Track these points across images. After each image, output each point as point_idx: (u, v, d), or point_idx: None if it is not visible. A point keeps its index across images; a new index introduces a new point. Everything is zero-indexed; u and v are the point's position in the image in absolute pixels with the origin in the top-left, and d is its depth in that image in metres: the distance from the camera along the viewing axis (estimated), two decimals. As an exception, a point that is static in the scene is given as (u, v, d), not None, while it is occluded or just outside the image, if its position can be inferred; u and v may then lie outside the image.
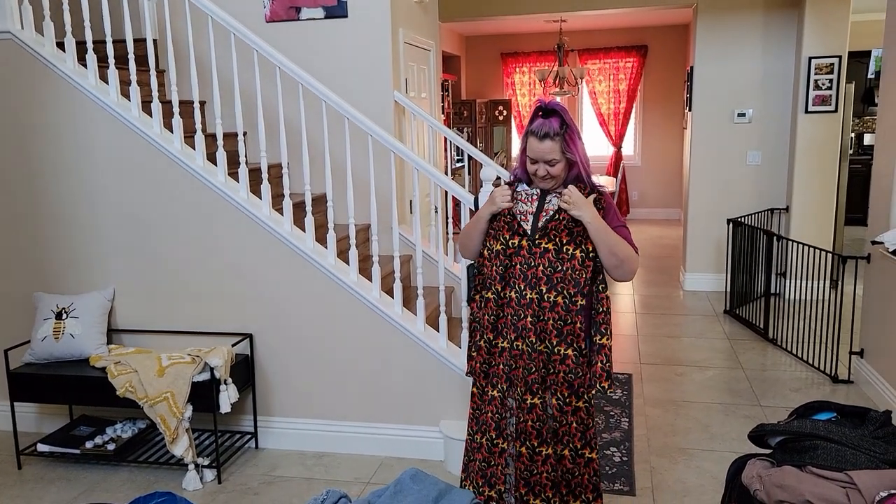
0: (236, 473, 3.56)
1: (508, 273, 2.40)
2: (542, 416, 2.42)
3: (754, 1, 6.21)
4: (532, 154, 2.35)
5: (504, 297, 2.42)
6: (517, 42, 10.77)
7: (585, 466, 2.48)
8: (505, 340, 2.43)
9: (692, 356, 5.00)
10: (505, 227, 2.41)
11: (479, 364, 2.50)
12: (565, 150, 2.33)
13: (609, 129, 10.64)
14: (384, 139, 3.54)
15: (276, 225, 3.61)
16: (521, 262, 2.38)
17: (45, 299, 3.77)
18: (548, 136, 2.31)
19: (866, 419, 2.33)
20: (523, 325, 2.38)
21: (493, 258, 2.43)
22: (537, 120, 2.35)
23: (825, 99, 6.00)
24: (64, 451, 3.58)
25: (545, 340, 2.38)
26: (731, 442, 3.72)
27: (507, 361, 2.42)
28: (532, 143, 2.34)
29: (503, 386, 2.44)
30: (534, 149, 2.34)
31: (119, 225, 3.77)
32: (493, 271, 2.43)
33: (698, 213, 6.65)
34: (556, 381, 2.40)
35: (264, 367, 3.76)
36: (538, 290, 2.36)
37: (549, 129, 2.31)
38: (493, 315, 2.44)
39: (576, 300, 2.35)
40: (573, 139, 2.34)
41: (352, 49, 4.30)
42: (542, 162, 2.34)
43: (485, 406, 2.51)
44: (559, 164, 2.35)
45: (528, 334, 2.38)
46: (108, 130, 3.69)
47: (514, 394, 2.43)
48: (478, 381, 2.53)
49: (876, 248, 4.15)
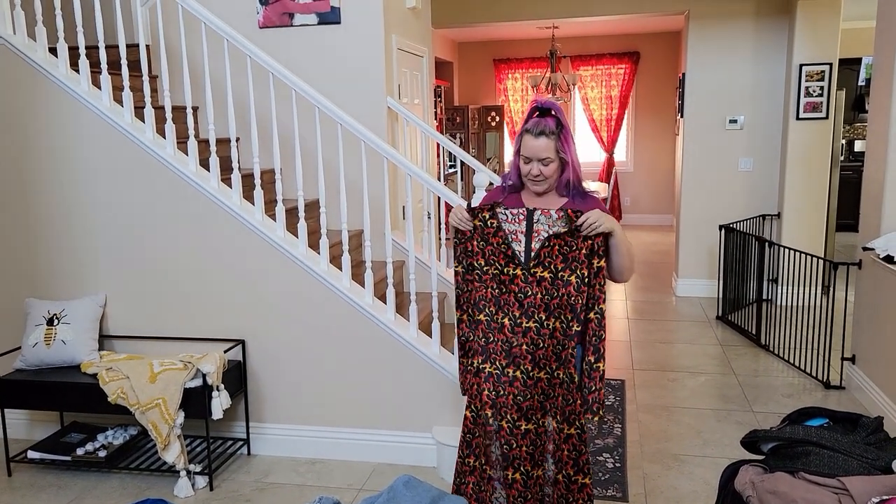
0: (228, 480, 3.54)
1: (502, 298, 2.37)
2: (535, 440, 2.40)
3: (745, 8, 6.25)
4: (527, 152, 2.35)
5: (496, 322, 2.38)
6: (510, 48, 10.80)
7: (579, 492, 2.46)
8: (493, 366, 2.39)
9: (685, 362, 5.01)
10: (500, 254, 2.36)
11: (475, 387, 2.46)
12: (560, 149, 2.34)
13: (601, 135, 10.67)
14: (377, 145, 3.54)
15: (269, 231, 3.60)
16: (517, 291, 2.35)
17: (36, 305, 3.75)
18: (543, 133, 2.32)
19: (858, 425, 2.34)
20: (518, 353, 2.35)
21: (489, 281, 2.39)
22: (533, 118, 2.36)
23: (816, 106, 6.03)
24: (55, 457, 3.56)
25: (545, 367, 2.36)
26: (723, 448, 3.72)
27: (495, 387, 2.39)
28: (527, 141, 2.35)
29: (486, 412, 2.41)
30: (529, 146, 2.34)
31: (111, 231, 3.76)
32: (487, 293, 2.40)
33: (690, 219, 6.67)
34: (555, 405, 2.39)
35: (257, 374, 3.75)
36: (537, 318, 2.34)
37: (545, 127, 2.33)
38: (483, 338, 2.41)
39: (572, 325, 2.33)
40: (567, 140, 2.36)
41: (345, 55, 4.30)
42: (536, 161, 2.34)
43: (477, 430, 2.47)
44: (553, 164, 2.35)
45: (524, 362, 2.35)
46: (101, 136, 3.68)
47: (505, 420, 2.38)
48: (473, 405, 2.48)
49: (867, 254, 4.17)
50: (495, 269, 2.37)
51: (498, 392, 2.38)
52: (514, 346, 2.36)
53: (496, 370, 2.38)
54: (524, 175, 2.41)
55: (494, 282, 2.38)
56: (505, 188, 2.52)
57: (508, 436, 2.39)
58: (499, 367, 2.38)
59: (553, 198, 2.45)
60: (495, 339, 2.39)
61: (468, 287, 2.44)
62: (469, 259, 2.42)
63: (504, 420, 2.38)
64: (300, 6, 4.29)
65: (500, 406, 2.38)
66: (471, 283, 2.43)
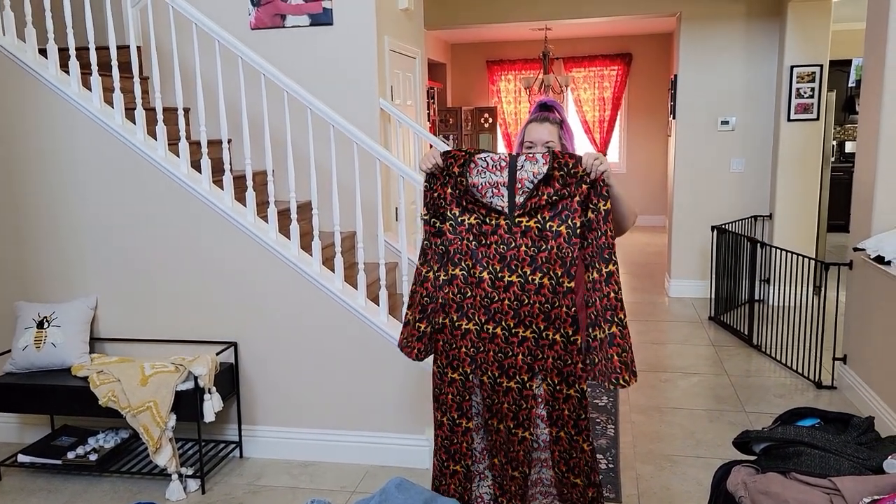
0: (221, 483, 3.53)
1: (480, 251, 2.30)
2: (519, 400, 2.34)
3: (737, 10, 6.28)
4: (531, 137, 2.42)
5: (473, 277, 2.30)
6: (502, 50, 10.82)
7: (580, 453, 2.38)
8: (471, 322, 2.31)
9: (677, 362, 5.02)
10: (479, 204, 2.29)
11: (442, 344, 2.39)
12: (562, 136, 2.43)
13: (594, 136, 10.69)
14: (369, 146, 3.53)
15: (261, 233, 3.59)
16: (498, 242, 2.27)
17: (26, 308, 3.73)
18: (547, 119, 2.44)
19: (849, 425, 2.35)
20: (498, 308, 2.28)
21: (464, 232, 2.31)
22: (538, 112, 2.49)
23: (807, 107, 6.06)
24: (45, 461, 3.54)
25: (531, 325, 2.28)
26: (715, 448, 3.73)
27: (474, 344, 2.32)
28: (532, 128, 2.43)
29: (465, 369, 2.35)
30: (533, 132, 2.42)
31: (102, 232, 3.74)
32: (462, 245, 2.31)
33: (683, 220, 6.69)
34: (544, 367, 2.31)
35: (249, 376, 3.74)
36: (521, 272, 2.25)
37: (549, 116, 2.45)
38: (459, 294, 2.32)
39: (562, 281, 2.25)
40: (569, 132, 2.48)
41: (337, 56, 4.30)
42: (539, 145, 2.40)
43: (446, 389, 2.40)
44: (556, 150, 2.36)
45: (506, 318, 2.28)
46: (91, 138, 3.66)
47: (486, 375, 2.33)
48: (438, 360, 2.41)
49: (858, 254, 4.19)
50: (474, 219, 2.29)
51: (477, 348, 2.31)
52: (494, 302, 2.28)
53: (475, 326, 2.31)
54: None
55: (471, 233, 2.30)
56: None
57: (490, 391, 2.33)
58: (478, 323, 2.30)
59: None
60: (473, 293, 2.30)
61: (441, 240, 2.34)
62: (441, 208, 2.32)
63: (485, 376, 2.33)
64: (292, 7, 4.28)
65: (481, 362, 2.32)
66: (443, 235, 2.33)
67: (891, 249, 3.81)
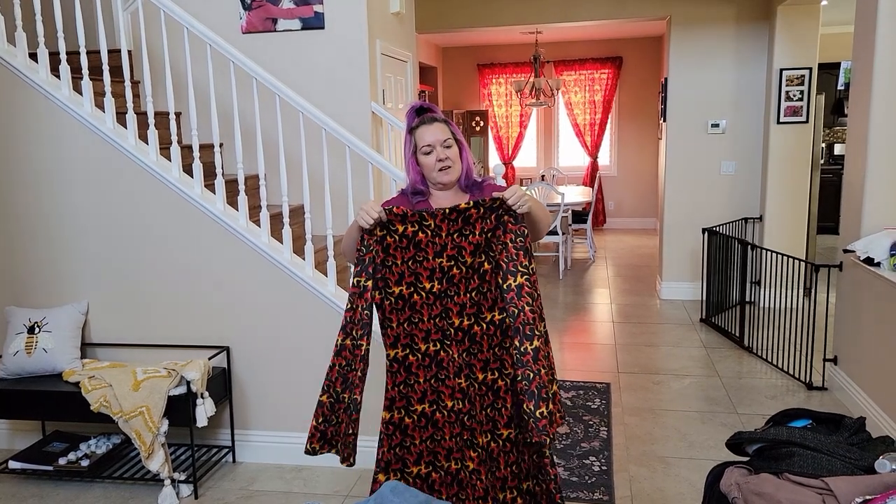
0: (213, 488, 3.52)
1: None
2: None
3: (726, 14, 6.32)
4: (427, 141, 2.31)
5: (428, 357, 2.29)
6: (494, 53, 10.84)
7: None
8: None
9: (669, 365, 5.04)
10: (421, 269, 2.22)
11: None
12: (454, 132, 2.36)
13: (585, 139, 10.72)
14: (362, 150, 3.53)
15: (254, 236, 3.58)
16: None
17: (17, 313, 3.71)
18: (435, 119, 2.34)
19: (841, 426, 2.36)
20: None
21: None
22: (416, 116, 2.39)
23: (796, 110, 6.10)
24: (36, 467, 3.52)
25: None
26: (708, 450, 3.74)
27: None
28: (423, 132, 2.32)
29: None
30: (426, 135, 2.31)
31: (93, 237, 3.73)
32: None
33: (674, 223, 6.72)
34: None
35: (242, 380, 3.73)
36: (475, 320, 2.27)
37: (434, 115, 2.36)
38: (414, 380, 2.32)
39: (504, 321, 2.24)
40: (454, 127, 2.39)
41: (329, 60, 4.30)
42: (438, 146, 2.31)
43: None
44: (454, 147, 2.34)
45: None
46: (82, 142, 3.65)
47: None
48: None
49: (848, 256, 4.21)
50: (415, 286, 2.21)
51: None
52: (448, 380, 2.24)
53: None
54: (430, 170, 2.33)
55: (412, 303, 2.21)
56: (408, 195, 2.40)
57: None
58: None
59: (459, 194, 2.40)
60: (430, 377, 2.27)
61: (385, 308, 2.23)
62: (382, 270, 2.19)
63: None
64: (284, 11, 4.28)
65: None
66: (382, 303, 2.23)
67: (880, 251, 3.84)
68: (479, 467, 2.26)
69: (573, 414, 4.21)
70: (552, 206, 7.78)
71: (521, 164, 11.23)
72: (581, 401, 4.40)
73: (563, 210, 7.78)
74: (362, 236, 2.18)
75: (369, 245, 2.17)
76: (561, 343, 5.60)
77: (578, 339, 5.72)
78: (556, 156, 11.22)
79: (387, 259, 2.20)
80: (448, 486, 2.31)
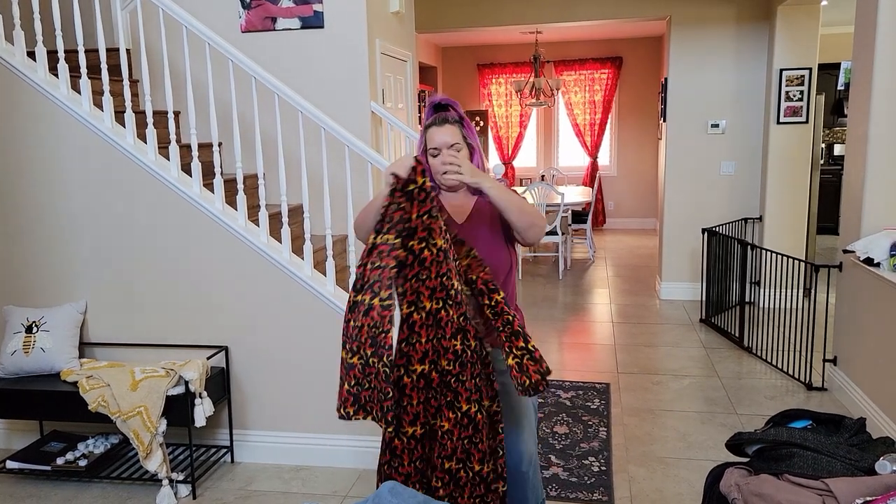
0: (212, 488, 3.51)
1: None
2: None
3: (726, 14, 6.31)
4: (435, 143, 2.32)
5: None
6: (494, 53, 10.83)
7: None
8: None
9: (669, 365, 5.03)
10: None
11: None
12: (466, 135, 2.36)
13: (585, 139, 10.72)
14: (361, 150, 3.53)
15: (253, 236, 3.57)
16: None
17: (14, 313, 3.70)
18: (447, 121, 2.34)
19: (841, 427, 2.36)
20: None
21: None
22: (433, 114, 2.38)
23: (796, 110, 6.09)
24: (34, 467, 3.51)
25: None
26: (708, 450, 3.74)
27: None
28: (433, 133, 2.33)
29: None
30: (436, 137, 2.32)
31: (91, 236, 3.72)
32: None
33: (673, 223, 6.71)
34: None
35: (240, 380, 3.72)
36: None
37: (448, 116, 2.36)
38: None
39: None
40: (471, 129, 2.39)
41: (328, 60, 4.29)
42: (445, 150, 2.31)
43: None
44: (463, 151, 2.33)
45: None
46: (81, 141, 3.64)
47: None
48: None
49: (847, 256, 4.21)
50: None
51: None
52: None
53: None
54: (435, 172, 2.33)
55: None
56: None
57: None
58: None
59: (467, 197, 2.41)
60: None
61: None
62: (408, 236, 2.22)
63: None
64: (283, 10, 4.27)
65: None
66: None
67: (880, 251, 3.84)
68: (453, 428, 2.27)
69: (572, 414, 4.21)
70: (552, 207, 7.78)
71: (520, 164, 11.23)
72: (580, 401, 4.40)
73: (562, 210, 7.77)
74: (392, 192, 2.21)
75: (399, 203, 2.21)
76: (560, 343, 5.60)
77: (578, 339, 5.71)
78: (556, 156, 11.21)
79: (404, 215, 2.25)
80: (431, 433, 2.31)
